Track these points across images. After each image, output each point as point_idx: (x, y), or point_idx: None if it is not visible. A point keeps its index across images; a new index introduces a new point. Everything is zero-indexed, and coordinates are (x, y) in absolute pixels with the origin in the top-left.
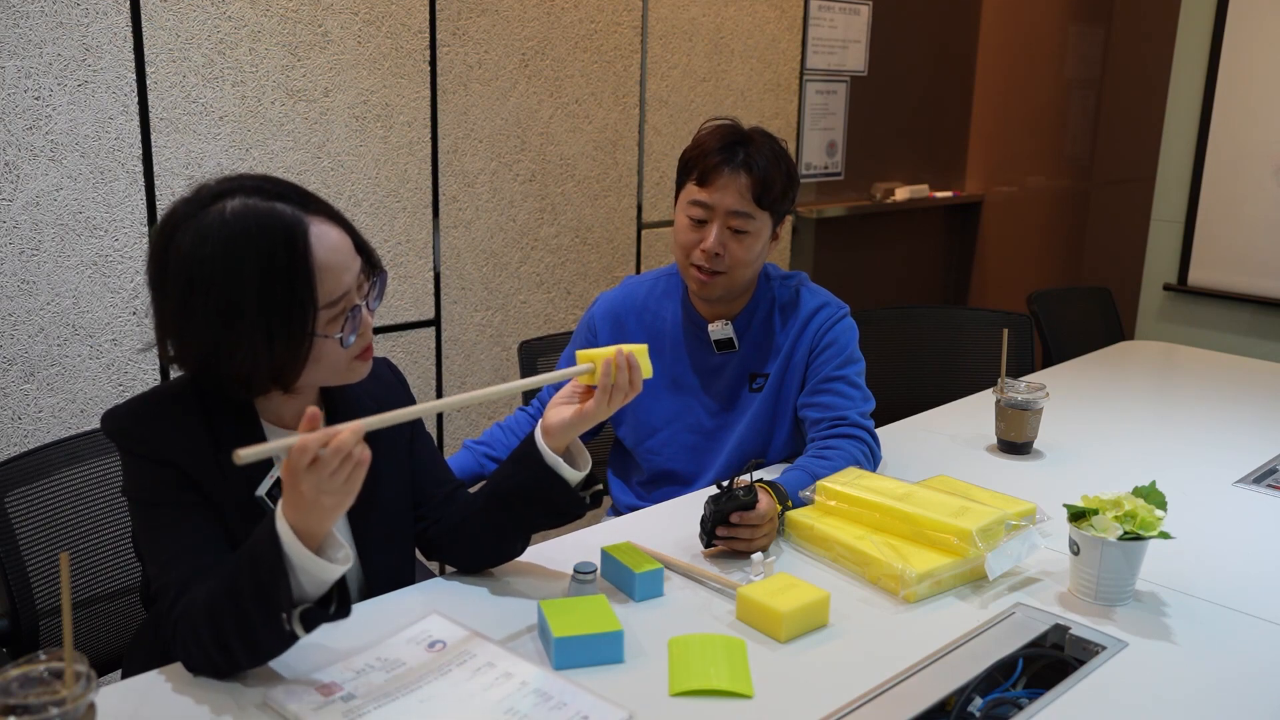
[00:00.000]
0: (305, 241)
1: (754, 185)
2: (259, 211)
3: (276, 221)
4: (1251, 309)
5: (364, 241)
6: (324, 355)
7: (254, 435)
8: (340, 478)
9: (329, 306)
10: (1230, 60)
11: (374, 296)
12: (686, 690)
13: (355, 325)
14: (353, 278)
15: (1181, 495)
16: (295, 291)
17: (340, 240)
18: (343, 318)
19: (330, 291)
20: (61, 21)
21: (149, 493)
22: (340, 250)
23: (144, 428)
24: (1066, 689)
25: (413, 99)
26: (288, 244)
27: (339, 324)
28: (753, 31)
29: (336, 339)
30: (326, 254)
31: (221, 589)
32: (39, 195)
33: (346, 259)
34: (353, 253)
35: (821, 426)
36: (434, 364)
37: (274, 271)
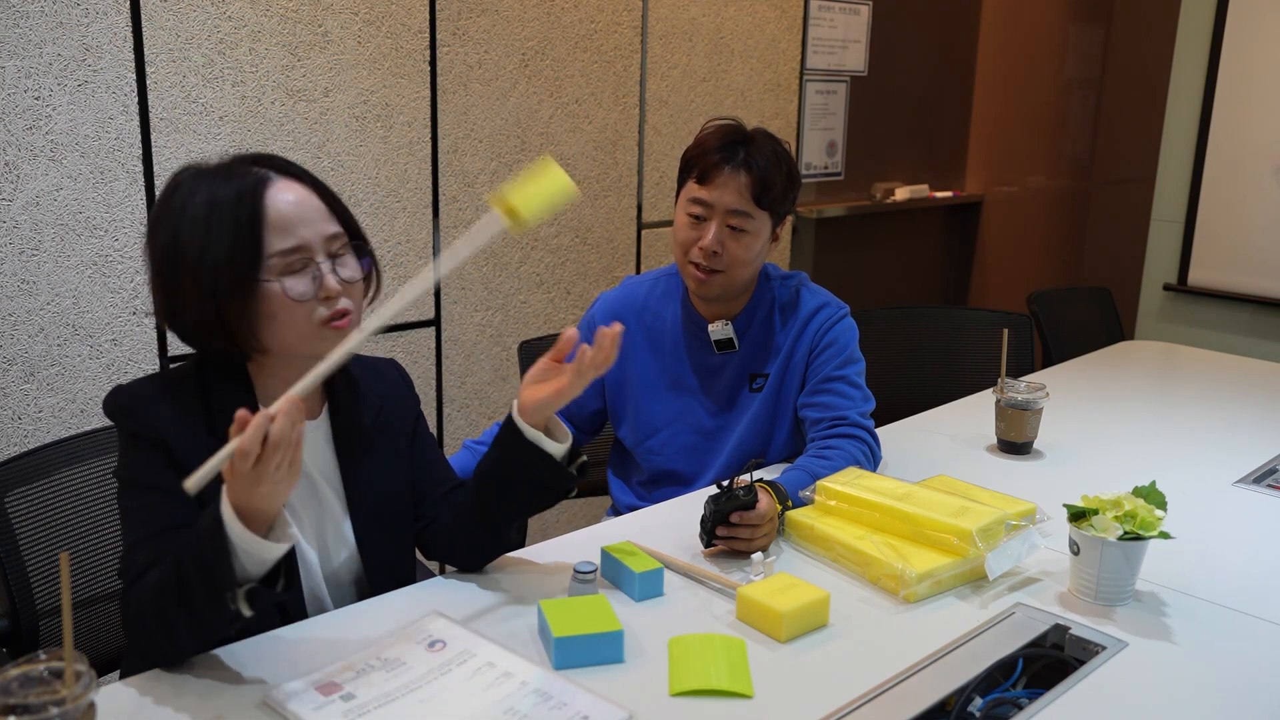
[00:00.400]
0: (260, 191)
1: (753, 184)
2: (229, 167)
3: (238, 175)
4: (1251, 309)
5: (350, 218)
6: (279, 312)
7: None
8: (283, 467)
9: (281, 255)
10: (1230, 60)
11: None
12: (686, 690)
13: (311, 280)
14: (314, 234)
15: (1181, 495)
16: (240, 236)
17: (304, 197)
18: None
19: (279, 241)
20: (61, 21)
21: (133, 472)
22: (300, 205)
23: (140, 406)
24: (1066, 689)
25: (413, 99)
26: (241, 192)
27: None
28: (753, 31)
29: (279, 287)
30: (283, 205)
31: (170, 570)
32: (39, 195)
33: (308, 214)
34: (323, 215)
35: (821, 426)
36: (434, 364)
37: (221, 215)
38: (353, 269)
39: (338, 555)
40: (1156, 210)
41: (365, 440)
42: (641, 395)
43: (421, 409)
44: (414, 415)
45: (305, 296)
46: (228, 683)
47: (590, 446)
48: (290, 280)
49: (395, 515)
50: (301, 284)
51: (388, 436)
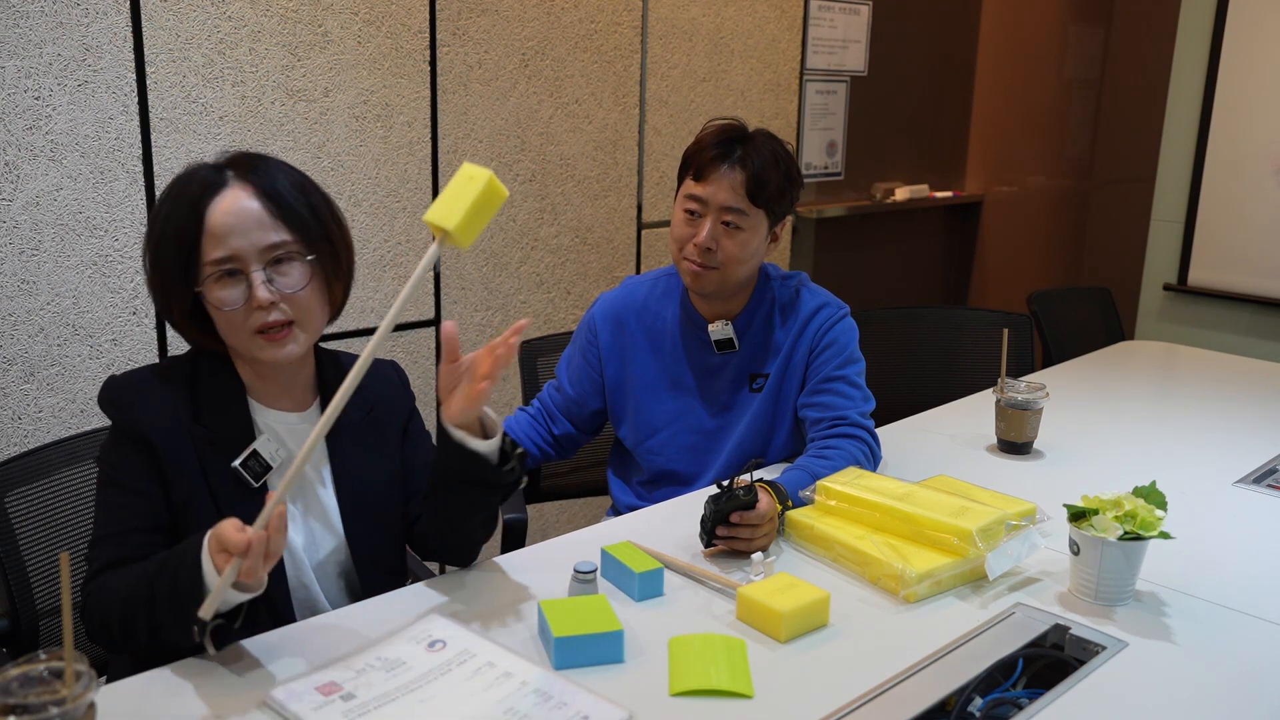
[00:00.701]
0: (204, 200)
1: (748, 181)
2: (197, 170)
3: (198, 180)
4: (1251, 309)
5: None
6: (218, 319)
7: (239, 411)
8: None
9: (213, 264)
10: (1230, 60)
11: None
12: (686, 690)
13: (242, 291)
14: (248, 244)
15: (1181, 495)
16: (180, 243)
17: (246, 206)
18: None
19: (213, 251)
20: (61, 21)
21: (114, 468)
22: (237, 215)
23: (131, 399)
24: (1066, 689)
25: (413, 99)
26: (191, 199)
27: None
28: (753, 31)
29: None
30: (221, 215)
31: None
32: (39, 195)
33: (244, 224)
34: (262, 224)
35: (821, 426)
36: (434, 364)
37: (173, 221)
38: (295, 278)
39: (325, 546)
40: (1156, 210)
41: (355, 433)
42: (641, 395)
43: (418, 408)
44: (407, 412)
45: (231, 306)
46: (228, 683)
47: (590, 446)
48: (219, 289)
49: (383, 508)
50: (231, 293)
51: (378, 431)
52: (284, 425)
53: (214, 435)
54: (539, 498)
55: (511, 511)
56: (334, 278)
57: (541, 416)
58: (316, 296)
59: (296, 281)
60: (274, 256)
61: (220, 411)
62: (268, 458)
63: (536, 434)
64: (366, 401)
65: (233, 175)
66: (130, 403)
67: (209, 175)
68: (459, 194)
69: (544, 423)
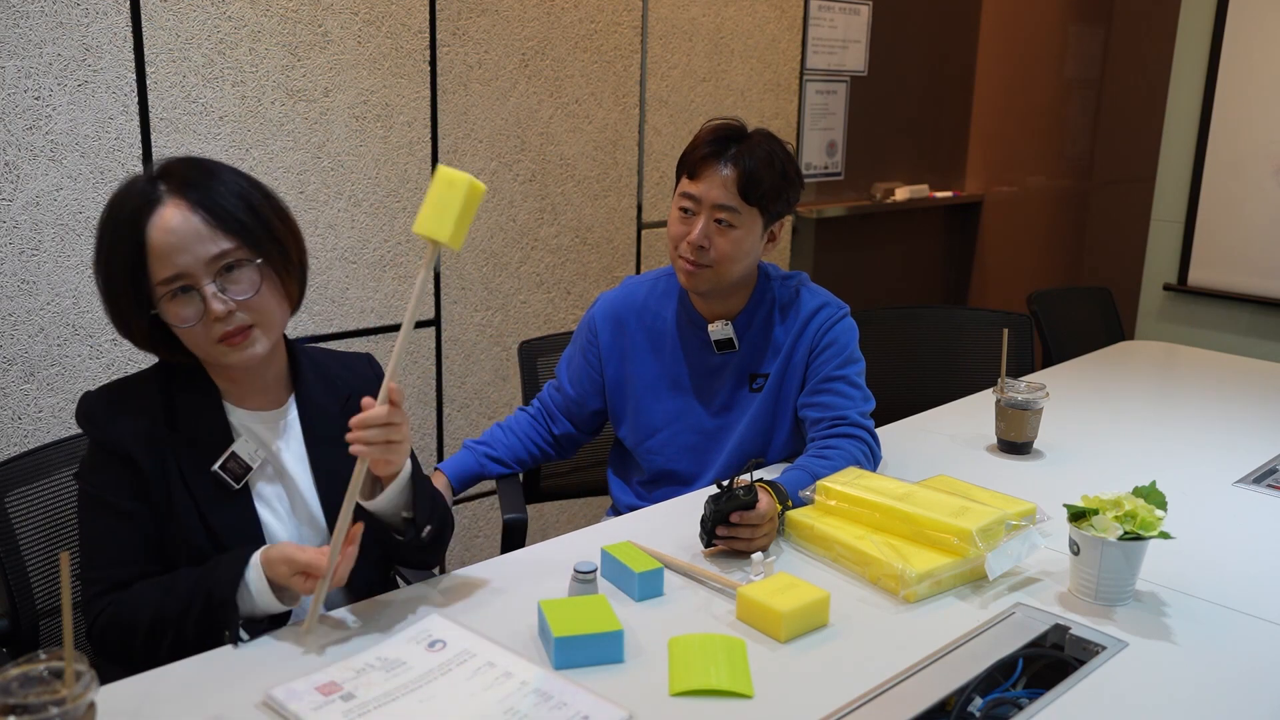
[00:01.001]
0: (141, 222)
1: (740, 180)
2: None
3: (133, 197)
4: (1251, 309)
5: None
6: (181, 334)
7: (214, 415)
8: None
9: (164, 284)
10: (1230, 60)
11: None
12: (686, 690)
13: (197, 306)
14: (193, 260)
15: (1181, 495)
16: (128, 269)
17: (182, 222)
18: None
19: (161, 270)
20: (61, 21)
21: (97, 488)
22: (177, 232)
23: (108, 414)
24: (1066, 689)
25: (413, 99)
26: (130, 222)
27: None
28: (753, 31)
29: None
30: (160, 235)
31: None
32: (39, 195)
33: (185, 240)
34: (203, 237)
35: (821, 426)
36: (434, 364)
37: (114, 247)
38: (246, 284)
39: (310, 538)
40: (1156, 210)
41: (334, 428)
42: (641, 395)
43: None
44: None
45: (190, 323)
46: (228, 683)
47: (590, 446)
48: (175, 307)
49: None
50: (187, 310)
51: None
52: (260, 424)
53: (191, 441)
54: (539, 498)
55: (511, 511)
56: (286, 274)
57: (541, 416)
58: (272, 297)
59: (248, 287)
60: (222, 266)
61: (195, 416)
62: (246, 458)
63: (536, 434)
64: (340, 395)
65: (166, 190)
66: (107, 418)
67: (143, 191)
68: (443, 202)
69: (544, 423)
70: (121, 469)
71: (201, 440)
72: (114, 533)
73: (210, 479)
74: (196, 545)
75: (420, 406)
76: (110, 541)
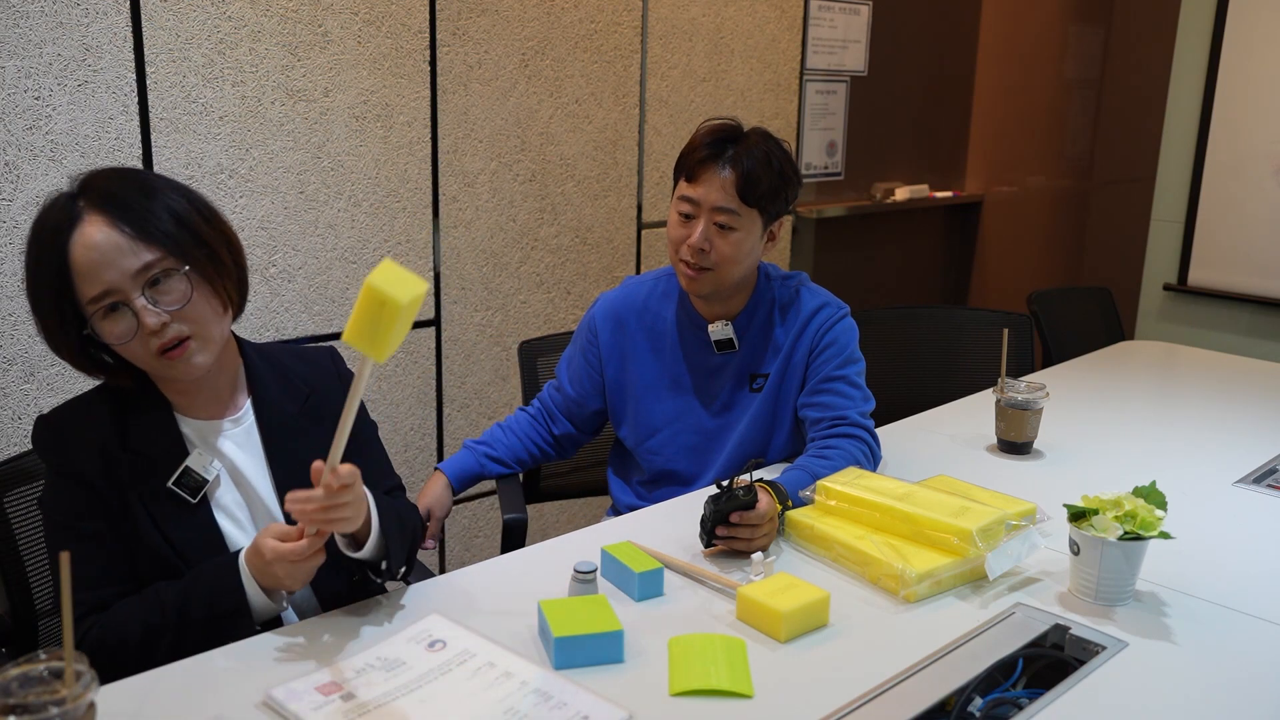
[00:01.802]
0: (63, 243)
1: (738, 181)
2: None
3: (53, 216)
4: (1251, 309)
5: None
6: (119, 350)
7: (166, 430)
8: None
9: (93, 302)
10: (1230, 60)
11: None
12: (686, 690)
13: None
14: (119, 274)
15: (1181, 495)
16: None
17: (104, 238)
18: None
19: (89, 289)
20: (61, 21)
21: (61, 515)
22: (99, 248)
23: (61, 439)
24: (1066, 689)
25: (413, 99)
26: (48, 242)
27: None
28: (753, 31)
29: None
30: (82, 253)
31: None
32: (39, 195)
33: (108, 255)
34: (126, 250)
35: (821, 426)
36: (434, 364)
37: (38, 270)
38: (176, 295)
39: None
40: (1156, 210)
41: (294, 429)
42: (642, 395)
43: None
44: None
45: (125, 339)
46: (228, 683)
47: (590, 446)
48: (108, 324)
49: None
50: (120, 326)
51: (317, 422)
52: (215, 433)
53: (144, 458)
54: (539, 498)
55: (511, 511)
56: (220, 279)
57: (542, 416)
58: (206, 304)
59: (179, 298)
60: (149, 278)
61: (147, 433)
62: (200, 472)
63: (536, 434)
64: (300, 393)
65: (85, 205)
66: (60, 443)
67: (63, 208)
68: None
69: (544, 423)
70: (81, 492)
71: (155, 457)
72: (84, 557)
73: (167, 495)
74: (161, 560)
75: (420, 406)
76: (81, 566)
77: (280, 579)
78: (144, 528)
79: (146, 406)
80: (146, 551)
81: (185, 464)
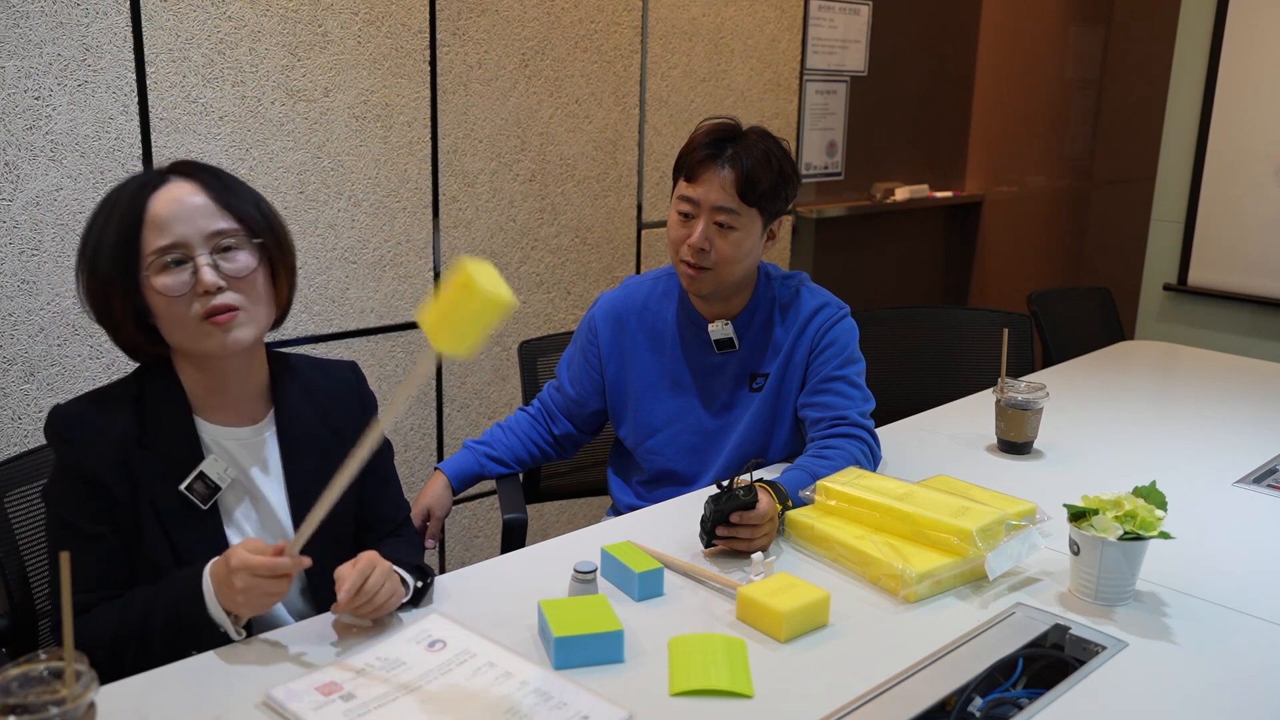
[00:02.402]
0: (144, 194)
1: (738, 181)
2: (134, 177)
3: (137, 180)
4: (1251, 309)
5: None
6: (162, 309)
7: (185, 431)
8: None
9: (157, 253)
10: (1230, 60)
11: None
12: (686, 690)
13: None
14: (193, 230)
15: (1181, 495)
16: (122, 235)
17: (188, 195)
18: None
19: (157, 239)
20: (61, 21)
21: (64, 511)
22: (181, 202)
23: (77, 434)
24: (1066, 689)
25: (413, 99)
26: (129, 194)
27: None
28: (753, 31)
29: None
30: (164, 204)
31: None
32: (39, 195)
33: (187, 212)
34: (207, 212)
35: (821, 426)
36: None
37: (110, 217)
38: (241, 263)
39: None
40: (1156, 210)
41: (314, 444)
42: (642, 395)
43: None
44: (366, 419)
45: (177, 291)
46: (228, 683)
47: (590, 446)
48: (164, 277)
49: (343, 520)
50: (175, 279)
51: (339, 439)
52: (234, 440)
53: (160, 458)
54: (539, 498)
55: (511, 511)
56: (279, 273)
57: (542, 416)
58: (264, 285)
59: (242, 267)
60: (220, 244)
61: (165, 431)
62: (215, 478)
63: (536, 434)
64: (322, 407)
65: (172, 173)
66: (76, 438)
67: (148, 174)
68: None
69: (544, 423)
70: (88, 491)
71: (170, 457)
72: (80, 557)
73: (178, 498)
74: (161, 565)
75: (420, 406)
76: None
77: (235, 594)
78: (149, 530)
79: (167, 405)
80: (147, 555)
81: (200, 469)
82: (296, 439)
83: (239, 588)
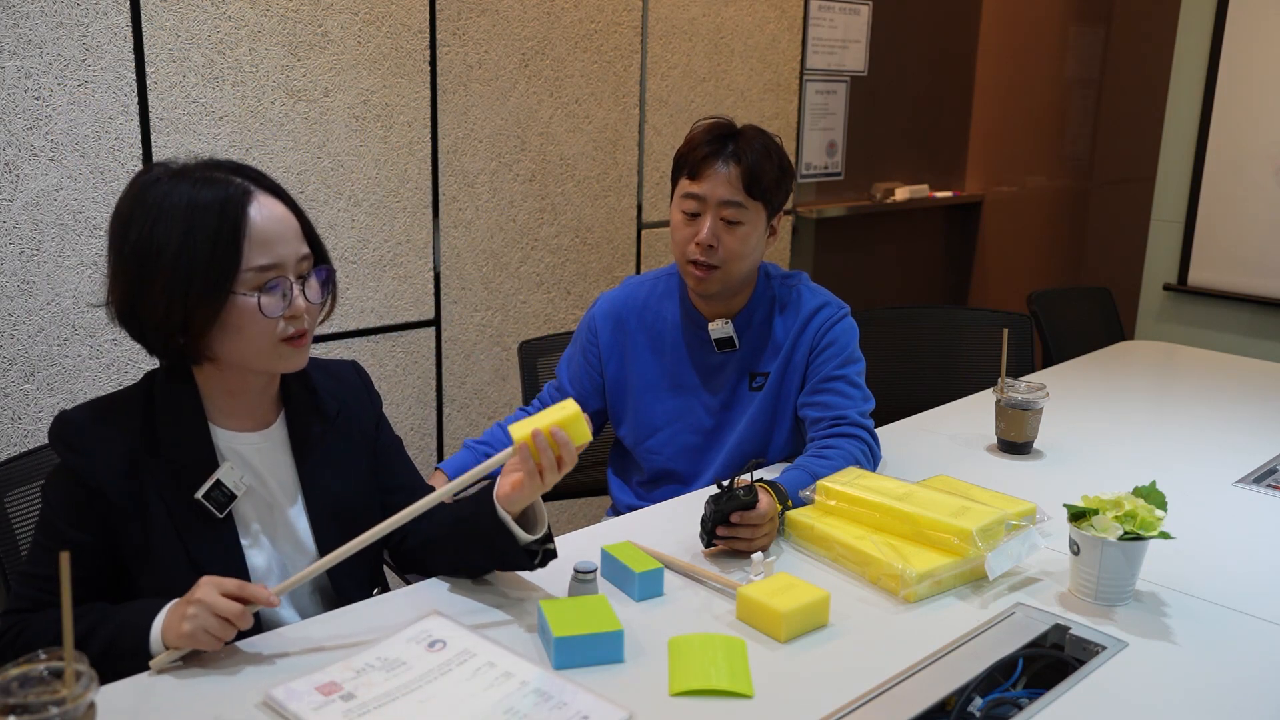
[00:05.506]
0: (243, 206)
1: (744, 175)
2: (208, 173)
3: (222, 187)
4: (1251, 309)
5: (315, 236)
6: (245, 325)
7: (199, 438)
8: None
9: (256, 271)
10: (1230, 60)
11: (315, 288)
12: (686, 690)
13: (281, 298)
14: (290, 253)
15: (1181, 495)
16: (219, 245)
17: (284, 215)
18: (269, 287)
19: (258, 257)
20: (61, 21)
21: (54, 511)
22: (281, 222)
23: (84, 442)
24: (1066, 689)
25: (413, 99)
26: (224, 204)
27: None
28: (753, 31)
29: (255, 301)
30: (265, 221)
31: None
32: (39, 195)
33: (286, 233)
34: (297, 235)
35: (821, 426)
36: (434, 364)
37: (203, 219)
38: (316, 292)
39: (295, 564)
40: (1156, 210)
41: (323, 444)
42: (641, 395)
43: (384, 411)
44: (375, 418)
45: (274, 312)
46: (228, 683)
47: (590, 446)
48: (264, 296)
49: (357, 520)
50: (274, 301)
51: (347, 439)
52: (247, 446)
53: (173, 466)
54: None
55: None
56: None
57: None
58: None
59: (318, 295)
60: (303, 269)
61: (178, 439)
62: (231, 486)
63: None
64: (330, 408)
65: (250, 184)
66: (82, 446)
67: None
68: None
69: None
70: (84, 499)
71: (184, 465)
72: (48, 556)
73: (192, 507)
74: (176, 574)
75: (420, 406)
76: (47, 565)
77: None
78: (163, 539)
79: (179, 412)
80: (159, 565)
81: (216, 476)
82: (305, 438)
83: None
